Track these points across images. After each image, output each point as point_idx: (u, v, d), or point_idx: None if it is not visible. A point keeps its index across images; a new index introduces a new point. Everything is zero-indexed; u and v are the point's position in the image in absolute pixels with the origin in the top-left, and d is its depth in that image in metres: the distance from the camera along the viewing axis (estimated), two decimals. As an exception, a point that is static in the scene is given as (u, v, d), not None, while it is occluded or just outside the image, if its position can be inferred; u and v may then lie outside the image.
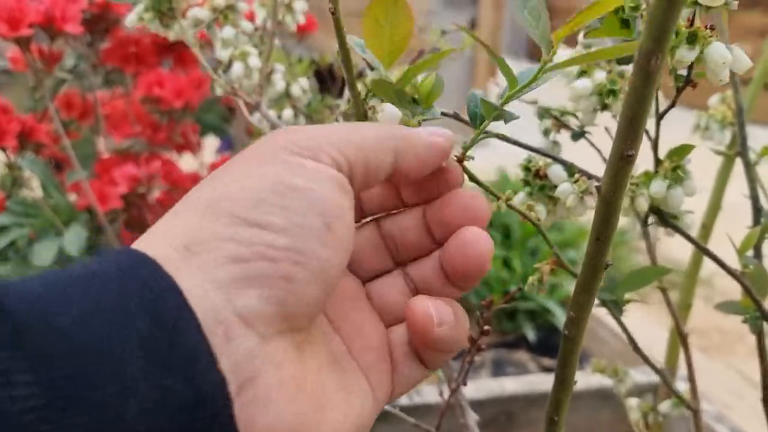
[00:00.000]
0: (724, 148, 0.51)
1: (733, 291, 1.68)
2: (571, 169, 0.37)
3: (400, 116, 0.28)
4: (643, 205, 0.36)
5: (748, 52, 0.32)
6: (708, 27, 0.31)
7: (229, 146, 1.36)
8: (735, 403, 1.10)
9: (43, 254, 0.92)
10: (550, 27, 0.25)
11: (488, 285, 1.25)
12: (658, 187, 0.36)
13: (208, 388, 0.19)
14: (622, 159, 0.24)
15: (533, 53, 6.57)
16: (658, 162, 0.37)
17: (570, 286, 1.19)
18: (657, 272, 0.39)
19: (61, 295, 0.18)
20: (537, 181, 0.38)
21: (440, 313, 0.25)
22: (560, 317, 1.22)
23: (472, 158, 0.31)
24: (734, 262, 0.39)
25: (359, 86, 0.34)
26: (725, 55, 0.30)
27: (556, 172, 0.37)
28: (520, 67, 0.29)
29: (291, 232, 0.21)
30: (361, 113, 0.35)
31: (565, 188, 0.37)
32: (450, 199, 0.27)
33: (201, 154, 1.22)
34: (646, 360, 0.45)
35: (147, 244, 0.21)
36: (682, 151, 0.36)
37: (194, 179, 1.12)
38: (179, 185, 1.05)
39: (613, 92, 0.37)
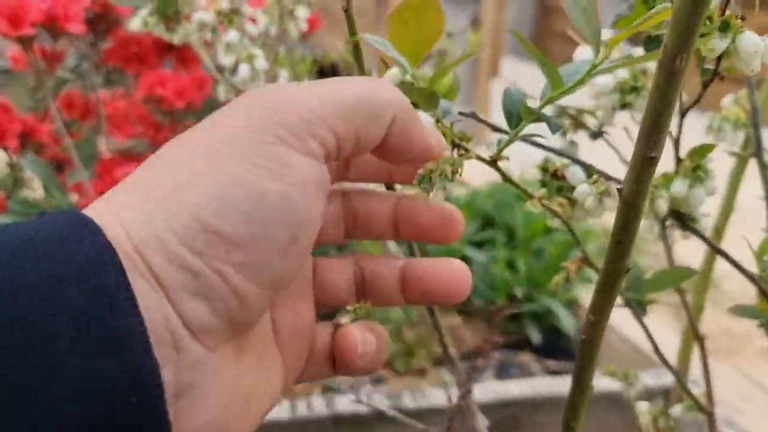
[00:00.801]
0: (738, 149, 0.50)
1: (741, 294, 1.69)
2: (589, 170, 0.36)
3: (432, 123, 0.28)
4: (662, 206, 0.36)
5: None
6: (738, 17, 0.30)
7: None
8: (744, 406, 1.09)
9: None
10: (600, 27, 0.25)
11: (492, 287, 1.24)
12: (679, 187, 0.35)
13: (144, 375, 0.17)
14: (644, 161, 0.23)
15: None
16: (679, 162, 0.36)
17: (576, 289, 1.18)
18: (681, 274, 0.38)
19: None
20: (554, 182, 0.37)
21: (365, 345, 0.25)
22: (565, 319, 1.21)
23: (507, 158, 0.31)
24: (747, 265, 0.38)
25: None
26: (758, 43, 0.29)
27: (575, 173, 0.36)
28: (523, 67, 0.29)
29: (251, 246, 0.19)
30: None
31: (583, 189, 0.36)
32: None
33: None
34: (666, 363, 0.45)
35: (97, 212, 0.19)
36: (703, 150, 0.35)
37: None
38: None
39: (635, 89, 0.36)
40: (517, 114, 0.28)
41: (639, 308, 0.38)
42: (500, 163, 0.30)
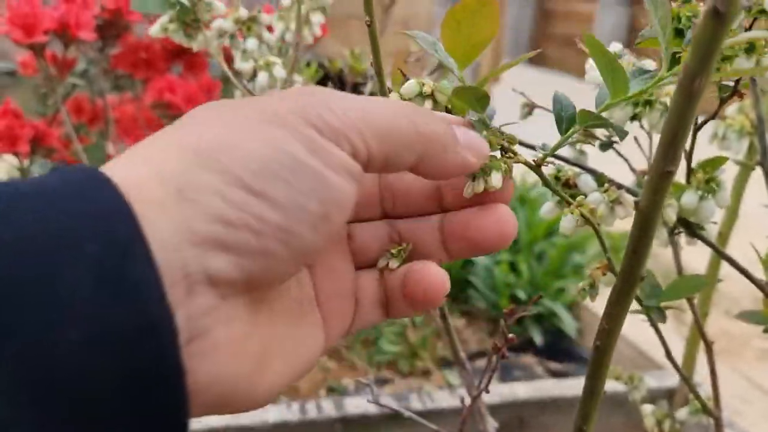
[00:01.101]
0: (742, 157, 0.51)
1: (739, 296, 1.69)
2: (600, 178, 0.38)
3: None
4: (671, 216, 0.37)
5: None
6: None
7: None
8: (743, 408, 1.10)
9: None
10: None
11: (495, 289, 1.25)
12: (689, 198, 0.36)
13: (158, 320, 0.17)
14: (662, 175, 0.24)
15: (535, 59, 6.58)
16: (690, 173, 0.37)
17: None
18: (696, 283, 0.40)
19: (6, 210, 0.17)
20: (567, 191, 0.38)
21: (446, 282, 0.26)
22: (567, 321, 1.22)
23: (550, 164, 0.32)
24: (752, 271, 0.40)
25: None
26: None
27: (586, 181, 0.37)
28: (522, 71, 0.29)
29: (286, 210, 0.20)
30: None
31: (595, 198, 0.37)
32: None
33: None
34: (678, 369, 0.46)
35: (124, 168, 0.19)
36: (716, 162, 0.36)
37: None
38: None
39: (649, 102, 0.37)
40: (569, 119, 0.28)
41: (659, 316, 0.39)
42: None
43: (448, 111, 0.31)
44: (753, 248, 0.39)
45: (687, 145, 0.36)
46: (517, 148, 0.30)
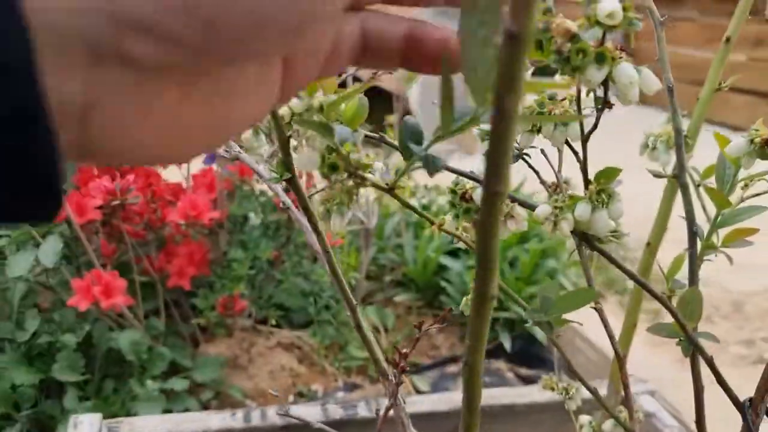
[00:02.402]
0: (671, 169, 0.51)
1: (718, 303, 1.68)
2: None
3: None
4: (565, 229, 0.37)
5: (742, 60, 0.32)
6: (618, 48, 0.32)
7: (213, 159, 1.38)
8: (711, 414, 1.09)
9: (19, 265, 0.93)
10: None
11: (466, 294, 1.25)
12: (582, 210, 0.36)
13: (27, 93, 0.16)
14: (491, 195, 0.25)
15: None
16: (587, 184, 0.37)
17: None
18: (587, 296, 0.40)
19: None
20: (463, 204, 0.38)
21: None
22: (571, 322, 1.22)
23: (403, 187, 0.32)
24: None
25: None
26: (632, 75, 0.31)
27: (480, 195, 0.38)
28: None
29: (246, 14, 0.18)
30: (283, 139, 0.35)
31: (487, 212, 0.37)
32: None
33: (187, 166, 1.23)
34: (582, 381, 0.46)
35: None
36: (609, 174, 0.37)
37: (174, 190, 1.13)
38: (158, 196, 1.06)
39: (541, 114, 0.37)
40: (412, 145, 0.29)
41: (548, 329, 0.39)
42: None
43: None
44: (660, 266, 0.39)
45: (581, 156, 0.37)
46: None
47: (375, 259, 1.40)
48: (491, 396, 0.78)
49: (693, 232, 0.46)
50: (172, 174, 1.24)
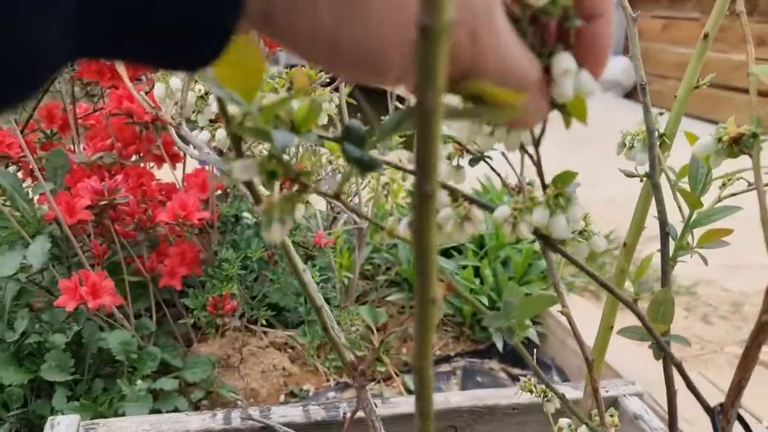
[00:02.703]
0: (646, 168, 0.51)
1: (716, 302, 1.66)
2: (454, 194, 0.37)
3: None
4: (524, 231, 0.36)
5: (742, 59, 0.31)
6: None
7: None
8: (695, 416, 1.08)
9: (8, 265, 0.93)
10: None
11: (459, 295, 1.25)
12: (539, 215, 0.36)
13: None
14: (422, 196, 0.24)
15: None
16: (545, 188, 0.37)
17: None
18: (548, 301, 0.39)
19: None
20: (421, 205, 0.38)
21: None
22: (531, 327, 1.22)
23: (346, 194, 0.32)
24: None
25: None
26: (567, 65, 0.30)
27: (438, 197, 0.37)
28: None
29: None
30: (236, 139, 0.35)
31: (446, 214, 0.37)
32: None
33: (182, 166, 1.23)
34: (548, 385, 0.46)
35: None
36: (565, 177, 0.36)
37: (166, 190, 1.13)
38: (149, 196, 1.06)
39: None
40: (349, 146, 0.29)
41: (509, 334, 0.39)
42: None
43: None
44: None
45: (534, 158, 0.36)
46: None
47: (369, 259, 1.40)
48: (476, 397, 0.77)
49: (665, 233, 0.46)
50: (166, 174, 1.24)
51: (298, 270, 0.44)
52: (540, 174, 0.37)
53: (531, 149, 0.37)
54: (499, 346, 1.22)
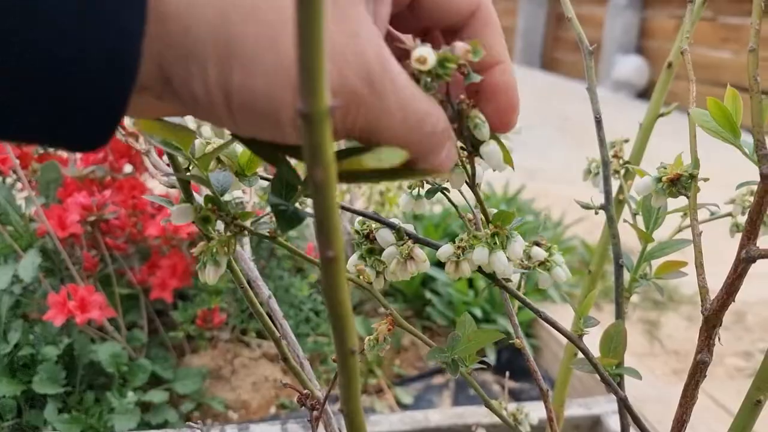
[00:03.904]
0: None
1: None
2: (399, 232, 0.38)
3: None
4: (466, 270, 0.37)
5: (764, 59, 0.30)
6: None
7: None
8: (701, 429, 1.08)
9: (0, 279, 0.94)
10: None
11: (452, 306, 1.25)
12: (479, 254, 0.36)
13: None
14: (326, 260, 0.25)
15: (547, 64, 6.51)
16: (488, 225, 0.37)
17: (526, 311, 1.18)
18: (491, 335, 0.40)
19: None
20: (367, 244, 0.38)
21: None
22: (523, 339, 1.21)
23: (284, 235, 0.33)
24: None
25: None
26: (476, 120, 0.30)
27: (383, 235, 0.37)
28: (533, 76, 0.29)
29: None
30: (183, 184, 0.36)
31: (390, 252, 0.37)
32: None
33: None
34: (493, 409, 0.46)
35: None
36: (506, 217, 0.36)
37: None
38: (140, 209, 1.07)
39: None
40: (274, 198, 0.29)
41: (452, 368, 0.39)
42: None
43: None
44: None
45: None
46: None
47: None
48: (456, 415, 0.77)
49: (619, 265, 0.46)
50: (159, 186, 1.25)
51: (253, 301, 0.44)
52: (483, 212, 0.37)
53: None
54: (490, 358, 1.22)
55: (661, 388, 1.14)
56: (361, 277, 0.37)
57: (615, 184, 0.53)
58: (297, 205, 0.31)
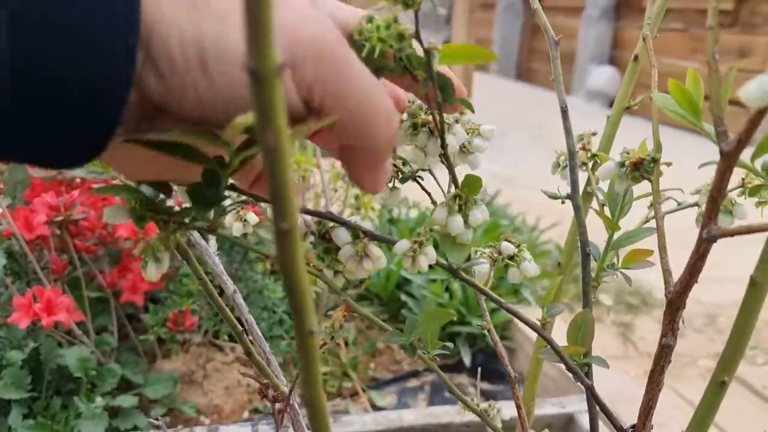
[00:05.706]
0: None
1: (691, 315, 1.66)
2: (355, 231, 0.37)
3: None
4: (423, 264, 0.36)
5: (724, 71, 0.31)
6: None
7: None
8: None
9: (-37, 282, 0.92)
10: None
11: (428, 307, 1.25)
12: (438, 214, 0.36)
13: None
14: (280, 233, 0.24)
15: (523, 74, 6.58)
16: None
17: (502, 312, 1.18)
18: (445, 314, 0.39)
19: None
20: (323, 244, 0.38)
21: None
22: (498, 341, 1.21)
23: (220, 228, 0.32)
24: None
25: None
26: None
27: (339, 234, 0.37)
28: (506, 86, 0.30)
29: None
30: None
31: (346, 251, 0.37)
32: None
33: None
34: (468, 405, 0.45)
35: None
36: (473, 184, 0.36)
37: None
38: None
39: (414, 126, 0.37)
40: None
41: (410, 350, 0.39)
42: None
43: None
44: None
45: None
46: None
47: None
48: (431, 414, 0.77)
49: (586, 254, 0.46)
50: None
51: (214, 296, 0.43)
52: (454, 181, 0.37)
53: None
54: (466, 361, 1.22)
55: (636, 388, 1.14)
56: (311, 265, 0.36)
57: (584, 177, 0.53)
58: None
